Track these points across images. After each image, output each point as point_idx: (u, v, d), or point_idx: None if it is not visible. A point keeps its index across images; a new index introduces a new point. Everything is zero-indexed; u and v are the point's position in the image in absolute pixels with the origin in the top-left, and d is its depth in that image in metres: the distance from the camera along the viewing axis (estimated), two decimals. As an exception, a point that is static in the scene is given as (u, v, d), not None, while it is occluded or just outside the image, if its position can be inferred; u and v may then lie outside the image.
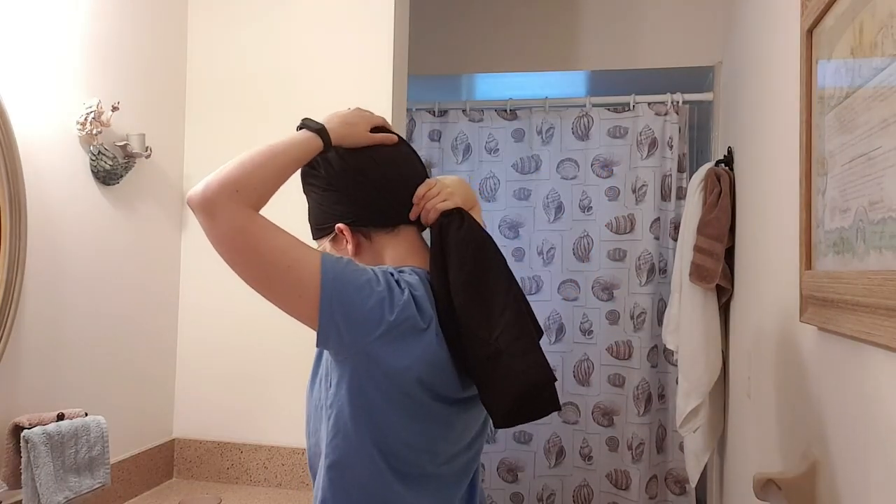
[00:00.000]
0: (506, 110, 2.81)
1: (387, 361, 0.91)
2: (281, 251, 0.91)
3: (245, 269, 0.92)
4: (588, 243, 2.73)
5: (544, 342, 2.73)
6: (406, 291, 0.93)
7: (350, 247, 1.04)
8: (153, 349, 1.91)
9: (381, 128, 1.08)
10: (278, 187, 0.96)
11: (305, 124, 1.02)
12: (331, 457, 0.95)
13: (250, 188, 0.91)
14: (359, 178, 1.02)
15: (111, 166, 1.66)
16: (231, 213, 0.89)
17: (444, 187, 1.04)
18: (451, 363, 0.95)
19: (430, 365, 0.93)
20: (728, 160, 2.16)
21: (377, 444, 0.93)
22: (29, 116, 1.47)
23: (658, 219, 2.64)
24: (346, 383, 0.93)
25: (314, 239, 1.10)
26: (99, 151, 1.63)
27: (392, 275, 0.95)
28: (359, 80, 1.92)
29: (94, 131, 1.60)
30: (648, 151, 2.65)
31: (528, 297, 2.71)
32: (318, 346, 0.92)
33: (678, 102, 2.64)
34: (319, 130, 1.00)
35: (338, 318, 0.89)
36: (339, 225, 1.03)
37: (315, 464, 1.02)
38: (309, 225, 1.11)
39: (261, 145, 0.96)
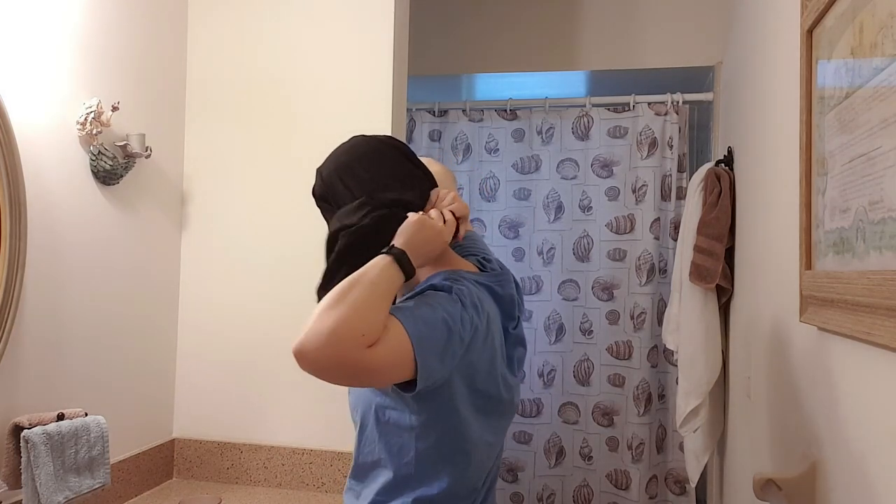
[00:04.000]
0: (506, 110, 2.81)
1: (469, 370, 0.99)
2: (388, 361, 0.91)
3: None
4: (588, 243, 2.73)
5: (544, 342, 2.74)
6: (468, 306, 0.99)
7: None
8: (153, 349, 1.91)
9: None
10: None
11: (390, 251, 0.99)
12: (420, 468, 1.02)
13: (374, 326, 0.89)
14: (371, 208, 1.04)
15: (111, 166, 1.66)
16: (359, 357, 0.88)
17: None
18: (499, 361, 1.05)
19: (489, 363, 1.03)
20: (728, 160, 2.16)
21: (463, 445, 1.02)
22: (29, 116, 1.47)
23: (658, 219, 2.64)
24: (444, 410, 0.99)
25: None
26: (99, 151, 1.63)
27: (456, 283, 1.01)
28: (359, 80, 1.92)
29: (94, 131, 1.60)
30: (648, 151, 2.64)
31: (528, 297, 2.75)
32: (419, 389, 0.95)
33: (678, 102, 2.64)
34: (398, 256, 0.97)
35: (436, 369, 0.94)
36: None
37: (368, 464, 1.06)
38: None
39: (347, 283, 0.92)
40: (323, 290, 0.97)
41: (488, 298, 1.05)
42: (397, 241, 0.99)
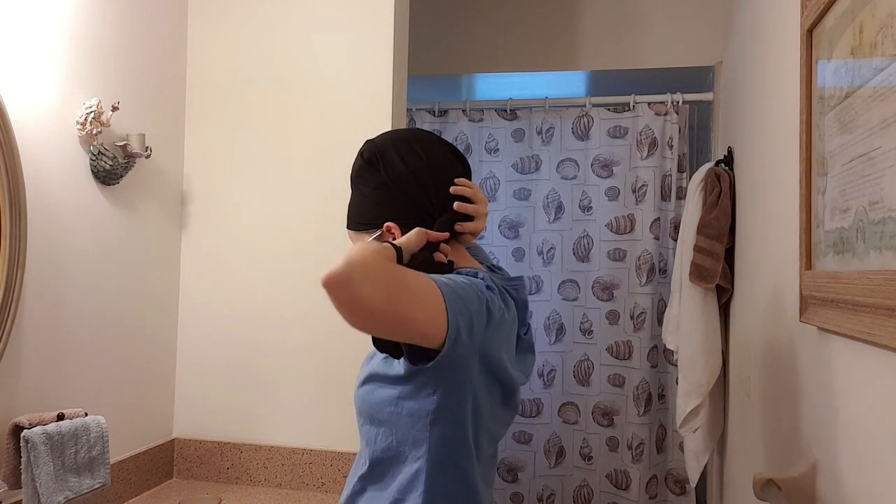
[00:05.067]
0: (506, 110, 2.81)
1: (498, 356, 0.98)
2: (425, 288, 0.89)
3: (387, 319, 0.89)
4: (588, 243, 2.73)
5: (544, 342, 2.74)
6: (494, 290, 0.99)
7: None
8: (153, 349, 1.91)
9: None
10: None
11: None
12: (439, 453, 1.00)
13: (389, 264, 0.90)
14: (418, 183, 1.06)
15: (111, 166, 1.66)
16: (394, 270, 0.88)
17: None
18: (514, 357, 1.05)
19: (510, 352, 1.03)
20: (728, 160, 2.16)
21: (475, 433, 1.01)
22: (29, 117, 1.47)
23: (658, 219, 2.64)
24: (461, 391, 0.97)
25: (351, 229, 1.12)
26: (99, 151, 1.63)
27: (477, 275, 1.00)
28: (359, 80, 1.92)
29: (94, 131, 1.60)
30: (648, 151, 2.65)
31: (528, 297, 2.74)
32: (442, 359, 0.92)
33: (678, 102, 2.64)
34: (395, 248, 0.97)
35: (464, 335, 0.91)
36: (389, 224, 1.04)
37: (385, 463, 1.04)
38: (347, 215, 1.13)
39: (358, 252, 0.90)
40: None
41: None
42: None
